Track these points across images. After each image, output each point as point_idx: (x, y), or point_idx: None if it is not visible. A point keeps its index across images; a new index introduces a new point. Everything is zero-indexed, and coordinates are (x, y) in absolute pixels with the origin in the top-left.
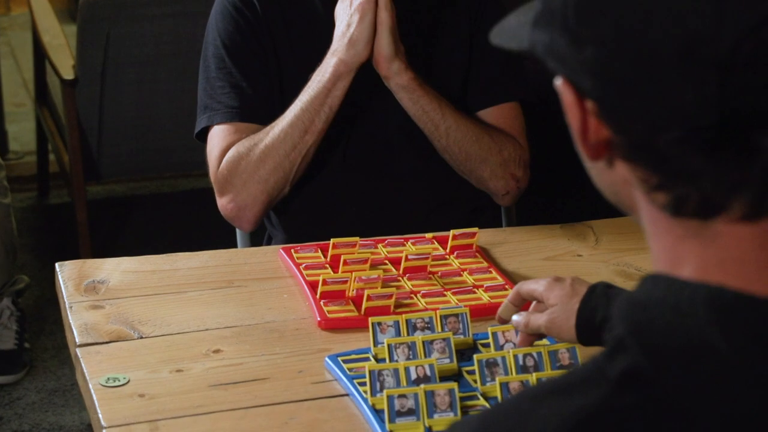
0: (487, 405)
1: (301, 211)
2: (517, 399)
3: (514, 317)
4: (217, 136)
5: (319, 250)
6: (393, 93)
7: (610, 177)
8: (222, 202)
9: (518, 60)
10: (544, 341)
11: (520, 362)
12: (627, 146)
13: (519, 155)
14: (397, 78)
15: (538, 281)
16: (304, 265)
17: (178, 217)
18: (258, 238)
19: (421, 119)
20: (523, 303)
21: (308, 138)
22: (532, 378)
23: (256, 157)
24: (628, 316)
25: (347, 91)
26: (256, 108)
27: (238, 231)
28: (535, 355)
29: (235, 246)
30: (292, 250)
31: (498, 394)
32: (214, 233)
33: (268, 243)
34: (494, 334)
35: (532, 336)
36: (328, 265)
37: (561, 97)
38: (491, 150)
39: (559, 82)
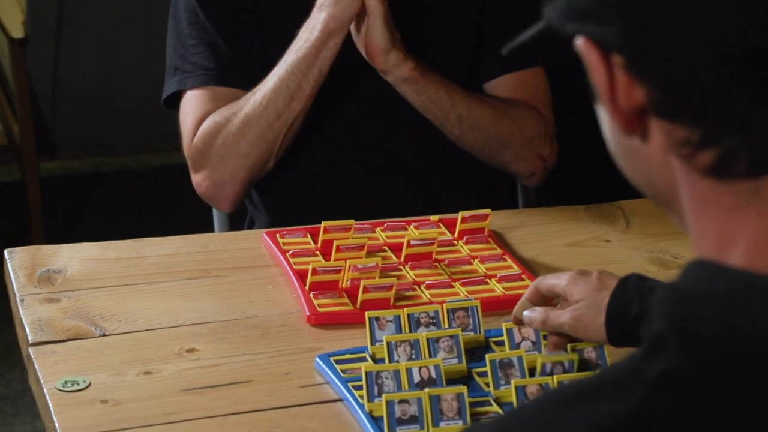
0: (500, 411)
1: (288, 190)
2: (538, 404)
3: (527, 313)
4: (191, 103)
5: (309, 235)
6: (394, 86)
7: (644, 158)
8: (197, 179)
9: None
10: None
11: (548, 370)
12: (663, 97)
13: (544, 130)
14: (397, 71)
15: (559, 275)
16: (291, 251)
17: (145, 198)
18: (238, 221)
19: (428, 110)
20: (543, 302)
21: (295, 105)
22: (553, 381)
23: (235, 127)
24: (669, 309)
25: (339, 52)
26: (235, 70)
27: (215, 213)
28: (566, 363)
29: (212, 230)
30: (278, 235)
31: (513, 399)
32: (187, 216)
33: (250, 227)
34: (509, 331)
35: (565, 338)
36: (318, 252)
37: (584, 59)
38: (512, 131)
39: (580, 42)
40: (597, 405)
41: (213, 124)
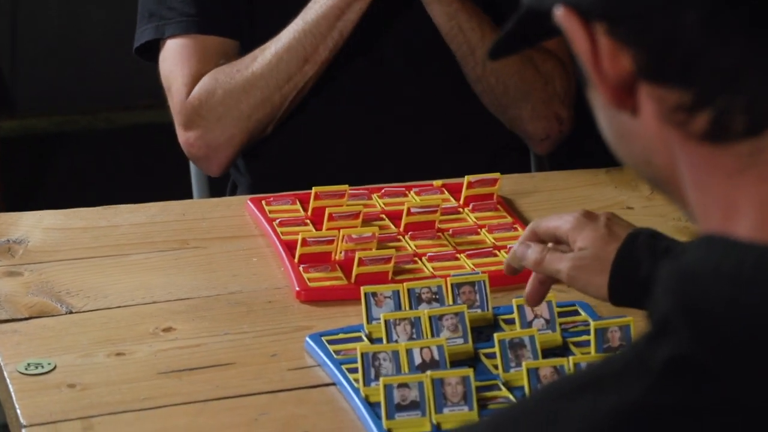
0: (510, 397)
1: (276, 152)
2: (537, 398)
3: (519, 248)
4: (178, 54)
5: (298, 202)
6: (424, 4)
7: (639, 135)
8: (188, 137)
9: None
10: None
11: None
12: (649, 57)
13: (566, 89)
14: None
15: (561, 216)
16: (278, 220)
17: (116, 160)
18: (219, 186)
19: (454, 39)
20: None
21: (308, 69)
22: (568, 363)
23: (238, 86)
24: (675, 289)
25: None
26: (219, 16)
27: (194, 177)
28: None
29: (190, 196)
30: (263, 202)
31: (524, 382)
32: (163, 180)
33: (233, 192)
34: (520, 308)
35: (545, 285)
36: (308, 221)
37: (565, 32)
38: (536, 83)
39: (559, 13)
40: (600, 397)
41: (214, 80)
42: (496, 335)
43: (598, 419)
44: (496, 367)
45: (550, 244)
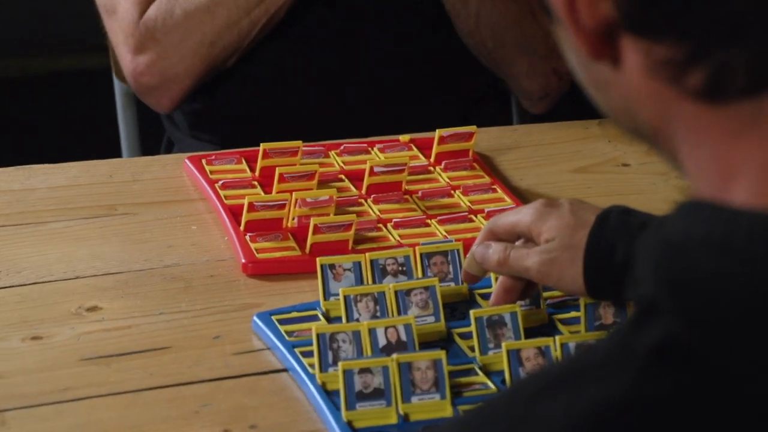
0: (488, 383)
1: (219, 103)
2: (507, 397)
3: (479, 249)
4: None
5: (244, 161)
6: None
7: (620, 87)
8: (137, 64)
9: None
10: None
11: (571, 351)
12: (634, 6)
13: None
14: None
15: (519, 210)
16: (221, 182)
17: (32, 112)
18: (152, 142)
19: None
20: None
21: None
22: (555, 343)
23: (203, 5)
24: (658, 263)
25: None
26: None
27: (122, 132)
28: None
29: (118, 154)
30: (204, 161)
31: (504, 366)
32: (86, 135)
33: (168, 150)
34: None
35: (512, 294)
36: (256, 182)
37: None
38: (534, 36)
39: None
40: (578, 393)
41: None
42: (472, 312)
43: (576, 418)
44: (472, 348)
45: (518, 243)
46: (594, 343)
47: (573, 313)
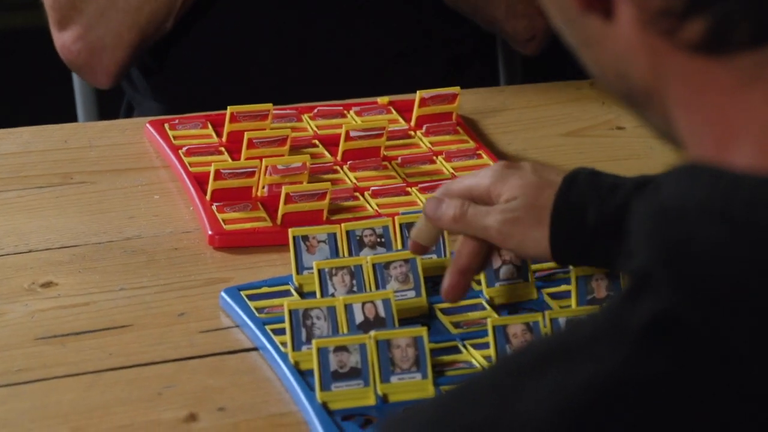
0: (474, 362)
1: (182, 62)
2: (490, 375)
3: (430, 205)
4: None
5: (210, 125)
6: None
7: (610, 43)
8: (64, 40)
9: None
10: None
11: (561, 327)
12: None
13: None
14: None
15: (476, 173)
16: (185, 148)
17: None
18: (111, 106)
19: None
20: None
21: None
22: (543, 319)
23: None
24: (652, 232)
25: None
26: None
27: (78, 94)
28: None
29: (74, 119)
30: (167, 125)
31: (491, 341)
32: (39, 98)
33: (128, 114)
34: None
35: (467, 276)
36: (223, 149)
37: None
38: None
39: None
40: (567, 370)
41: None
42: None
43: (564, 398)
44: (456, 324)
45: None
46: (584, 318)
47: (563, 287)
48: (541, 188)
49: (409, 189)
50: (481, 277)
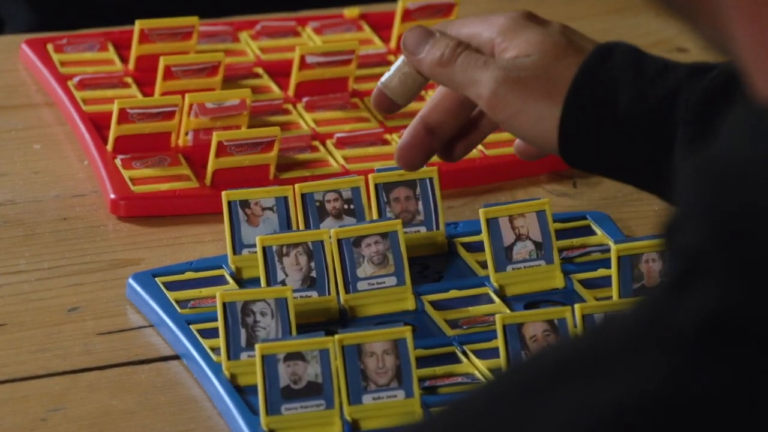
0: (476, 374)
1: None
2: (491, 393)
3: (413, 33)
4: None
5: (111, 47)
6: None
7: None
8: None
9: None
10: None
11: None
12: None
13: None
14: None
15: (486, 19)
16: (77, 78)
17: None
18: None
19: None
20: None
21: None
22: (572, 316)
23: None
24: (707, 202)
25: None
26: None
27: None
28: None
29: None
30: (51, 46)
31: (500, 345)
32: None
33: None
34: (491, 223)
35: (436, 136)
36: (130, 80)
37: None
38: None
39: None
40: (590, 388)
41: None
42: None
43: (590, 423)
44: (452, 324)
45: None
46: (616, 317)
47: (601, 271)
48: (565, 52)
49: (387, 136)
50: (487, 256)
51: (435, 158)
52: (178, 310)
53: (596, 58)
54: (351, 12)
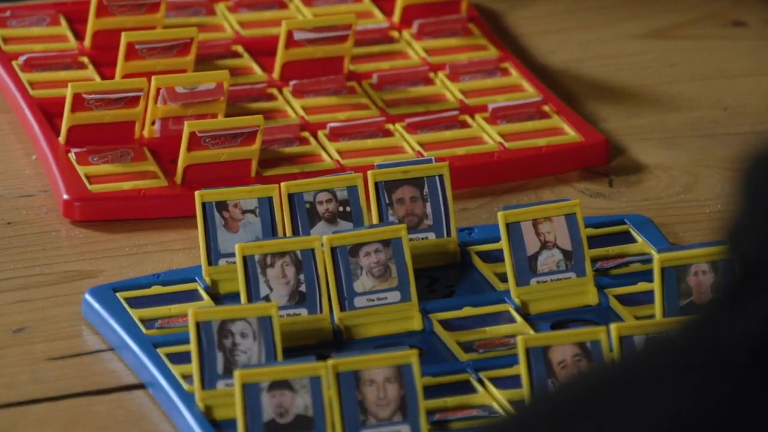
0: (494, 405)
1: None
2: (526, 420)
3: None
4: None
5: (63, 20)
6: None
7: None
8: None
9: None
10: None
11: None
12: None
13: None
14: None
15: None
16: (23, 58)
17: None
18: None
19: None
20: None
21: None
22: (608, 337)
23: None
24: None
25: None
26: None
27: None
28: None
29: None
30: None
31: (523, 372)
32: None
33: None
34: (512, 228)
35: None
36: (86, 59)
37: None
38: None
39: None
40: (634, 415)
41: None
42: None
43: None
44: (465, 347)
45: None
46: (660, 339)
47: (642, 285)
48: None
49: (390, 126)
50: (507, 267)
51: (444, 153)
52: (143, 330)
53: None
54: None
